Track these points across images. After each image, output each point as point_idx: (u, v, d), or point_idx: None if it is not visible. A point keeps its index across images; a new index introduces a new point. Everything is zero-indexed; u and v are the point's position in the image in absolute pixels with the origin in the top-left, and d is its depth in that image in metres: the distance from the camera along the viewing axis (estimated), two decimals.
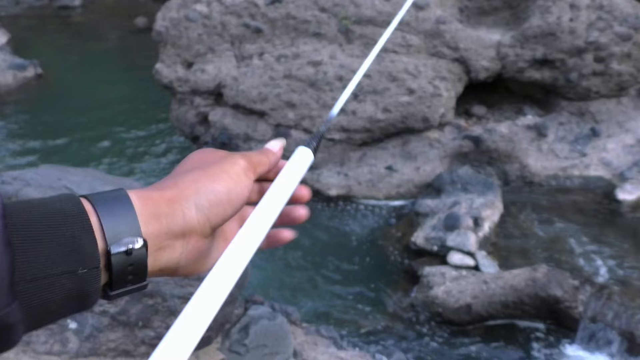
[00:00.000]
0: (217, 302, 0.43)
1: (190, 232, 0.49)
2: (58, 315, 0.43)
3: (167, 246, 0.48)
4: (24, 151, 4.96)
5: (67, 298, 0.42)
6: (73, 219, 0.43)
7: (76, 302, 0.43)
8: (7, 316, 0.38)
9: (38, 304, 0.41)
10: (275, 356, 2.29)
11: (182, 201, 0.48)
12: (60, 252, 0.42)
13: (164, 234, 0.47)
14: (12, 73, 6.28)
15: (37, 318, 0.42)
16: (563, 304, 2.92)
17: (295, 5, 4.26)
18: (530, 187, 4.05)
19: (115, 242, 0.44)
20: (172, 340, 0.41)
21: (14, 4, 9.17)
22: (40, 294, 0.41)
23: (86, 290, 0.43)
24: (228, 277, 0.45)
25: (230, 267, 0.45)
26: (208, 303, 0.43)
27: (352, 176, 4.15)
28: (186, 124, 4.64)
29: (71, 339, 2.00)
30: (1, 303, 0.38)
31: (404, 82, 4.02)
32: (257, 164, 0.54)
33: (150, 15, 6.36)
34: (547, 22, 4.01)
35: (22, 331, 0.41)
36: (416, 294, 3.22)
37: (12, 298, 0.39)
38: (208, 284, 0.44)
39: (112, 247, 0.44)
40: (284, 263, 3.62)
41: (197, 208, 0.49)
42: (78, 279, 0.42)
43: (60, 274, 0.41)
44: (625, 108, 4.27)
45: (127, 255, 0.45)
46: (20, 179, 2.21)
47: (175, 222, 0.48)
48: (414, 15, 4.09)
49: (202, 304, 0.43)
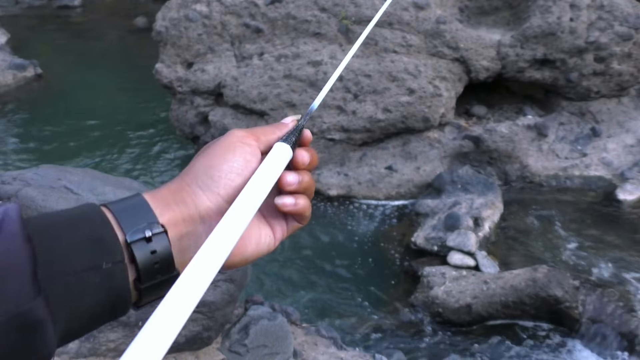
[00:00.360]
0: (190, 305, 0.42)
1: (207, 213, 0.49)
2: (92, 318, 0.43)
3: (189, 233, 0.48)
4: (24, 151, 4.96)
5: (97, 297, 0.42)
6: (91, 217, 0.44)
7: (109, 303, 0.43)
8: (31, 311, 0.38)
9: (67, 303, 0.41)
10: (275, 356, 2.29)
11: (186, 187, 0.50)
12: (82, 248, 0.42)
13: (181, 220, 0.48)
14: (12, 73, 6.28)
15: (70, 320, 0.41)
16: (563, 304, 2.92)
17: (295, 5, 4.26)
18: (531, 187, 4.05)
19: (133, 231, 0.45)
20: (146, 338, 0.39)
21: (13, 3, 9.17)
22: (68, 291, 0.41)
23: (115, 287, 0.43)
24: (202, 276, 0.43)
25: (207, 263, 0.44)
26: (181, 305, 0.41)
27: (352, 176, 4.15)
28: (186, 124, 4.64)
29: None
30: (24, 296, 0.38)
31: (404, 82, 4.02)
32: (259, 132, 0.54)
33: (150, 15, 6.36)
34: (547, 22, 4.00)
35: (57, 336, 0.40)
36: (416, 294, 3.22)
37: (36, 291, 0.39)
38: (180, 285, 0.42)
39: (130, 236, 0.44)
40: (284, 263, 3.61)
41: (202, 189, 0.49)
42: (105, 275, 0.43)
43: (86, 269, 0.42)
44: (626, 108, 4.26)
45: (148, 243, 0.45)
46: (20, 179, 2.21)
47: (188, 208, 0.48)
48: (414, 15, 4.09)
49: (174, 306, 0.41)
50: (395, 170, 4.12)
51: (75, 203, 2.17)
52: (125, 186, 2.50)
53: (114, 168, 4.66)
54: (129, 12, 8.47)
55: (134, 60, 6.86)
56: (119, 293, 0.44)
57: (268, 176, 0.52)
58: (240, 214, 0.48)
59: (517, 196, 3.95)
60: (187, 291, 0.42)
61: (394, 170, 4.13)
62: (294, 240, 3.78)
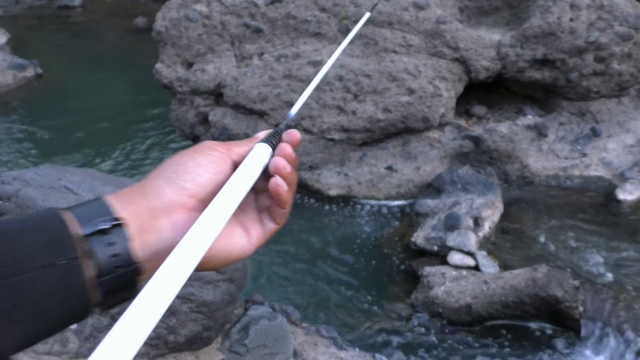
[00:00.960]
0: (162, 305, 0.41)
1: (171, 206, 0.48)
2: (53, 320, 0.42)
3: (152, 226, 0.48)
4: (24, 151, 4.96)
5: (56, 297, 0.41)
6: (48, 219, 0.44)
7: (68, 303, 0.42)
8: None
9: (24, 303, 0.40)
10: (275, 356, 2.29)
11: (150, 182, 0.50)
12: (36, 246, 0.42)
13: (142, 212, 0.48)
14: (12, 73, 6.28)
15: (30, 322, 0.40)
16: (563, 304, 2.92)
17: (295, 5, 4.26)
18: (531, 187, 4.05)
19: (88, 226, 0.45)
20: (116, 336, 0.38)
21: (13, 3, 9.17)
22: (25, 291, 0.40)
23: (73, 285, 0.42)
24: (179, 270, 0.42)
25: (184, 257, 0.43)
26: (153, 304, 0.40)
27: (352, 176, 4.15)
28: (186, 124, 4.64)
29: (71, 339, 2.00)
30: None
31: (404, 82, 4.02)
32: (232, 144, 0.55)
33: (150, 15, 6.36)
34: (547, 22, 4.00)
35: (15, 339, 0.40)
36: (416, 294, 3.22)
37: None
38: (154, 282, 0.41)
39: (86, 229, 0.44)
40: (283, 263, 3.61)
41: (166, 182, 0.49)
42: (61, 272, 0.42)
43: (41, 267, 0.41)
44: (626, 108, 4.26)
45: (105, 235, 0.45)
46: (20, 179, 2.21)
47: (149, 201, 0.48)
48: (414, 15, 4.09)
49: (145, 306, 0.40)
50: (395, 170, 4.12)
51: (75, 203, 2.16)
52: (125, 186, 2.49)
53: (114, 168, 4.66)
54: (129, 12, 8.47)
55: (134, 60, 6.86)
56: (77, 291, 0.43)
57: (248, 173, 0.52)
58: (220, 211, 0.47)
59: (517, 196, 3.95)
60: (160, 290, 0.41)
61: (394, 170, 4.13)
62: (294, 240, 3.78)
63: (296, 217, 4.02)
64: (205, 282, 2.11)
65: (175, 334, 2.07)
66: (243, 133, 4.35)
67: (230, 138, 4.41)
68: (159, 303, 0.40)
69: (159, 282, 0.41)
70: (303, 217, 4.02)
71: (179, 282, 0.42)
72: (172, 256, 0.43)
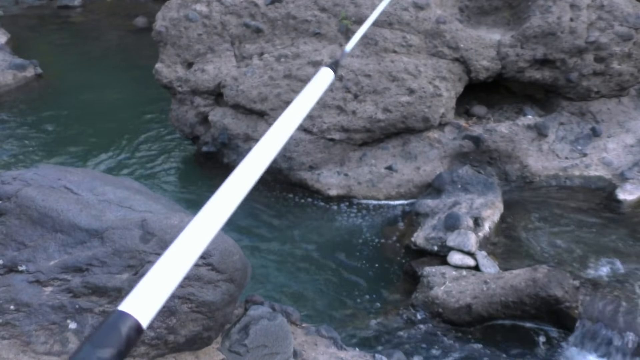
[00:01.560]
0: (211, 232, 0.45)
1: None
2: None
3: None
4: (24, 151, 4.95)
5: None
6: None
7: None
8: None
9: None
10: (275, 356, 2.29)
11: None
12: None
13: None
14: (12, 73, 6.28)
15: None
16: (563, 304, 2.92)
17: (295, 5, 4.26)
18: (531, 187, 4.05)
19: None
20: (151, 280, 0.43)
21: (13, 3, 9.17)
22: None
23: None
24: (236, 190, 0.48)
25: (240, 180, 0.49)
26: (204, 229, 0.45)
27: (352, 176, 4.15)
28: (186, 124, 4.64)
29: (71, 339, 2.00)
30: None
31: (404, 82, 4.02)
32: None
33: (150, 15, 6.36)
34: (547, 22, 4.00)
35: None
36: (416, 294, 3.21)
37: None
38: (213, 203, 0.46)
39: None
40: (283, 263, 3.61)
41: None
42: None
43: None
44: (626, 108, 4.26)
45: None
46: (20, 179, 2.21)
47: None
48: (414, 15, 4.09)
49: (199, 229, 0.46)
50: (395, 170, 4.12)
51: (75, 203, 2.16)
52: (125, 186, 2.50)
53: (114, 168, 4.65)
54: (129, 12, 8.48)
55: (134, 60, 6.86)
56: None
57: (314, 92, 0.67)
58: (291, 119, 0.61)
59: (517, 196, 3.95)
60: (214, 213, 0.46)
61: (394, 170, 4.12)
62: (293, 240, 3.78)
63: (296, 217, 4.02)
64: (205, 282, 2.10)
65: (175, 334, 2.07)
66: (243, 133, 4.35)
67: (230, 138, 4.40)
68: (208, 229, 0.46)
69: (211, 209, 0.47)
70: (303, 217, 4.02)
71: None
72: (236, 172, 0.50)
